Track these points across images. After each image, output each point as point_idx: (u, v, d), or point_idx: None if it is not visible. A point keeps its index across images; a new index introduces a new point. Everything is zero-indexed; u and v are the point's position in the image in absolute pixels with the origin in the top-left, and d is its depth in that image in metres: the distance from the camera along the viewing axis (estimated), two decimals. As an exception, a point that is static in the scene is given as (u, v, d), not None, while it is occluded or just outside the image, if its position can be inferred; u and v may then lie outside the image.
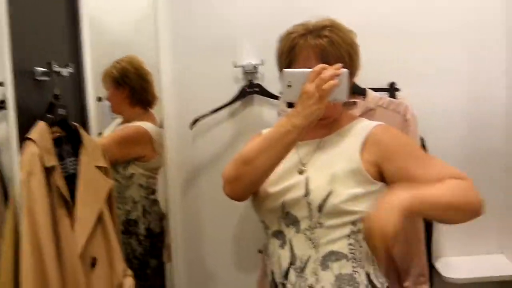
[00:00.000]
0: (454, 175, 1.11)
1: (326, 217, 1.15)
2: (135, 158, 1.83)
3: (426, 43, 1.73)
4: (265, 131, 1.30)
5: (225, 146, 1.77)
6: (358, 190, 1.15)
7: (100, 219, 1.25)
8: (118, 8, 1.83)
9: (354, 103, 1.57)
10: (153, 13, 1.75)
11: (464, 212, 1.09)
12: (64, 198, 1.16)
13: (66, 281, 1.13)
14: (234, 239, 1.83)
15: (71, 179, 1.26)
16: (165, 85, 1.75)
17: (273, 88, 1.68)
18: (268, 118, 1.75)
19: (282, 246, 1.19)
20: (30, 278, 1.05)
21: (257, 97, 1.75)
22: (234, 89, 1.73)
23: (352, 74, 1.19)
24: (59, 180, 1.14)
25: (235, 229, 1.82)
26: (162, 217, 1.92)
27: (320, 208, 1.15)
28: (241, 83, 1.74)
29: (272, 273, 1.22)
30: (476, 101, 1.76)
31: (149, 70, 1.86)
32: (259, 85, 1.73)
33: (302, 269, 1.16)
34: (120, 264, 1.25)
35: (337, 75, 1.09)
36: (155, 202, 1.91)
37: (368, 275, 1.16)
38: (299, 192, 1.17)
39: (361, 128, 1.22)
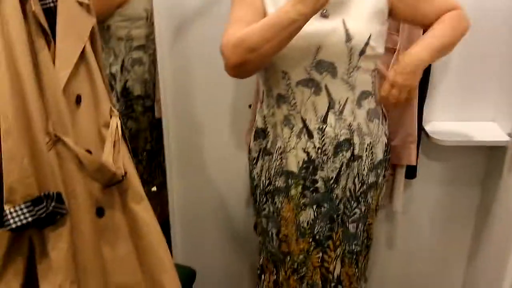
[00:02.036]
0: (451, 8, 1.28)
1: (364, 60, 1.24)
2: (118, 6, 1.70)
3: None
4: None
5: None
6: (380, 29, 1.25)
7: (83, 56, 1.18)
8: None
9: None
10: None
11: (459, 39, 1.28)
12: (43, 28, 1.07)
13: (50, 117, 1.10)
14: (225, 93, 1.78)
15: (50, 14, 1.16)
16: None
17: None
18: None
19: (316, 93, 1.25)
20: (10, 112, 1.00)
21: None
22: None
23: None
24: (35, 6, 1.05)
25: (226, 85, 1.76)
26: (145, 81, 1.84)
27: (362, 52, 1.22)
28: None
29: (304, 121, 1.28)
30: None
31: None
32: None
33: (341, 111, 1.27)
34: (106, 104, 1.20)
35: None
36: (139, 61, 1.81)
37: (380, 107, 1.37)
38: (337, 37, 1.20)
39: None
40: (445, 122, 1.76)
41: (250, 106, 1.70)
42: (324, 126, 1.27)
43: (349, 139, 1.30)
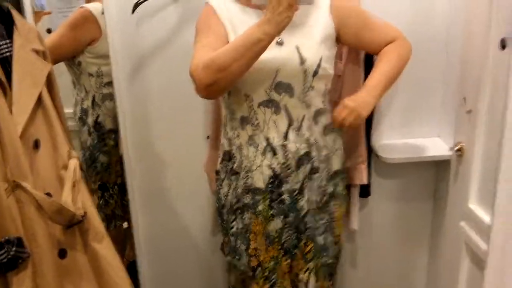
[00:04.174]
0: (392, 37, 1.43)
1: (316, 81, 1.36)
2: (88, 44, 1.77)
3: None
4: (212, 1, 1.39)
5: (171, 31, 1.71)
6: (329, 52, 1.38)
7: (40, 102, 1.22)
8: None
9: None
10: None
11: (405, 66, 1.44)
12: (-2, 78, 1.11)
13: (8, 164, 1.12)
14: (182, 125, 1.84)
15: (6, 63, 1.20)
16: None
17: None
18: None
19: (277, 112, 1.36)
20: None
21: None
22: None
23: None
24: (-11, 58, 1.09)
25: (184, 118, 1.83)
26: (117, 115, 1.88)
27: (315, 73, 1.34)
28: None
29: (267, 139, 1.38)
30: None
31: None
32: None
33: (299, 128, 1.38)
34: (64, 146, 1.24)
35: None
36: (109, 96, 1.86)
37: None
38: (293, 61, 1.33)
39: None
40: (393, 140, 1.86)
41: (208, 137, 1.76)
42: (286, 143, 1.38)
43: (308, 153, 1.41)
